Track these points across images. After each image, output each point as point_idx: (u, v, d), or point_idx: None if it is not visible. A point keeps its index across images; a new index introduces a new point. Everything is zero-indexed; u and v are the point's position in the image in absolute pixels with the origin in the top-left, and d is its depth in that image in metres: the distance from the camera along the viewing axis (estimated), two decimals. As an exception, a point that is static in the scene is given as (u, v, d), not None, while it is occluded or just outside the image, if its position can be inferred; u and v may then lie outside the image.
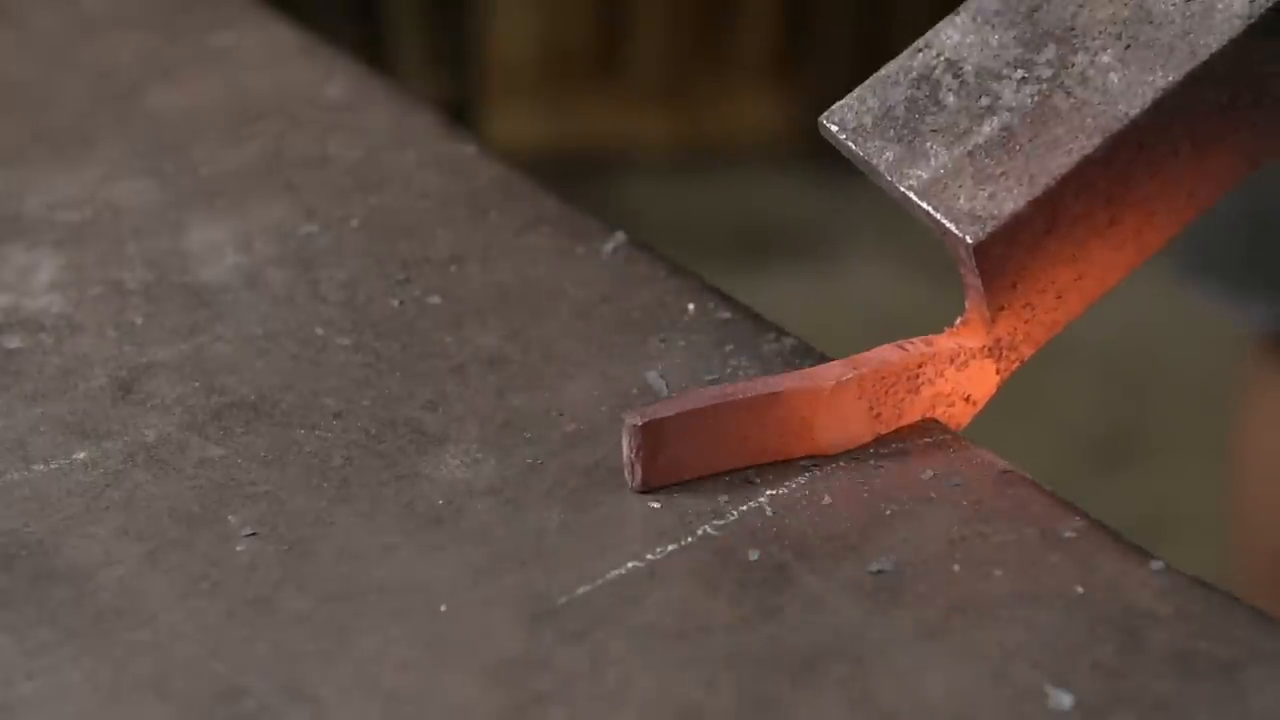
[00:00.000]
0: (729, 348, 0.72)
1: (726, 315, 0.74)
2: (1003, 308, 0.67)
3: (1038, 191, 0.66)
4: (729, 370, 0.71)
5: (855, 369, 0.66)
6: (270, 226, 0.80)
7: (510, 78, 2.51)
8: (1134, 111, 0.66)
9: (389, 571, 0.62)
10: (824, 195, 2.50)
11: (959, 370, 0.68)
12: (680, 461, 0.65)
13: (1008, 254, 0.66)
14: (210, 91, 0.91)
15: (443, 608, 0.61)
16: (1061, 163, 0.66)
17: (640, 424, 0.64)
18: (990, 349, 0.68)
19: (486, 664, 0.59)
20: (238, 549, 0.63)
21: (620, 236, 0.79)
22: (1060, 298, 0.68)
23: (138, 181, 0.84)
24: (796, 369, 0.71)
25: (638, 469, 0.65)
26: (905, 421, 0.68)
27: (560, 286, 0.77)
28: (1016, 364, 0.69)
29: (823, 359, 0.72)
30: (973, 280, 0.67)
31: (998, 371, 0.69)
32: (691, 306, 0.75)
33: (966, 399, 0.69)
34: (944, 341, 0.68)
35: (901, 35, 2.90)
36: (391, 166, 0.85)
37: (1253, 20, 0.67)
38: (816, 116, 0.70)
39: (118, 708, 0.58)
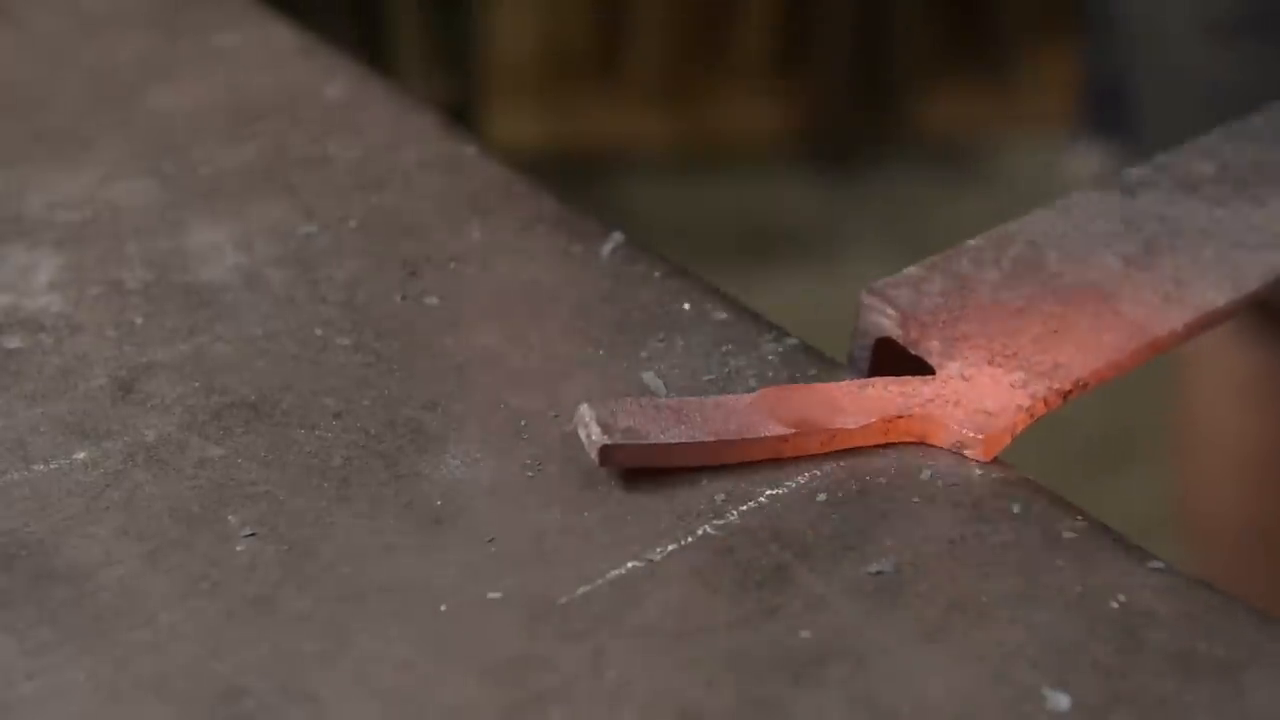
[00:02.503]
0: (728, 348, 0.72)
1: (725, 315, 0.74)
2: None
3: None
4: (727, 371, 0.71)
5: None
6: (270, 226, 0.80)
7: (510, 78, 2.51)
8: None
9: (389, 571, 0.62)
10: (824, 195, 2.50)
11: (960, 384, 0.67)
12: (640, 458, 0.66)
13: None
14: (210, 91, 0.91)
15: (443, 608, 0.61)
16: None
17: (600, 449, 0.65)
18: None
19: (486, 664, 0.59)
20: (238, 549, 0.63)
21: (618, 237, 0.79)
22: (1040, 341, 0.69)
23: (138, 181, 0.84)
24: (796, 369, 0.71)
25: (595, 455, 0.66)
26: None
27: (559, 286, 0.77)
28: (1057, 391, 0.68)
29: (821, 360, 0.72)
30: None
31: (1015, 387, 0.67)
32: (690, 307, 0.75)
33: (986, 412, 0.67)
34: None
35: (901, 35, 2.88)
36: (391, 166, 0.85)
37: None
38: (816, 116, 0.71)
39: (118, 708, 0.58)
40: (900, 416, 0.66)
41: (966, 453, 0.66)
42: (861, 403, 0.67)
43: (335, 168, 0.85)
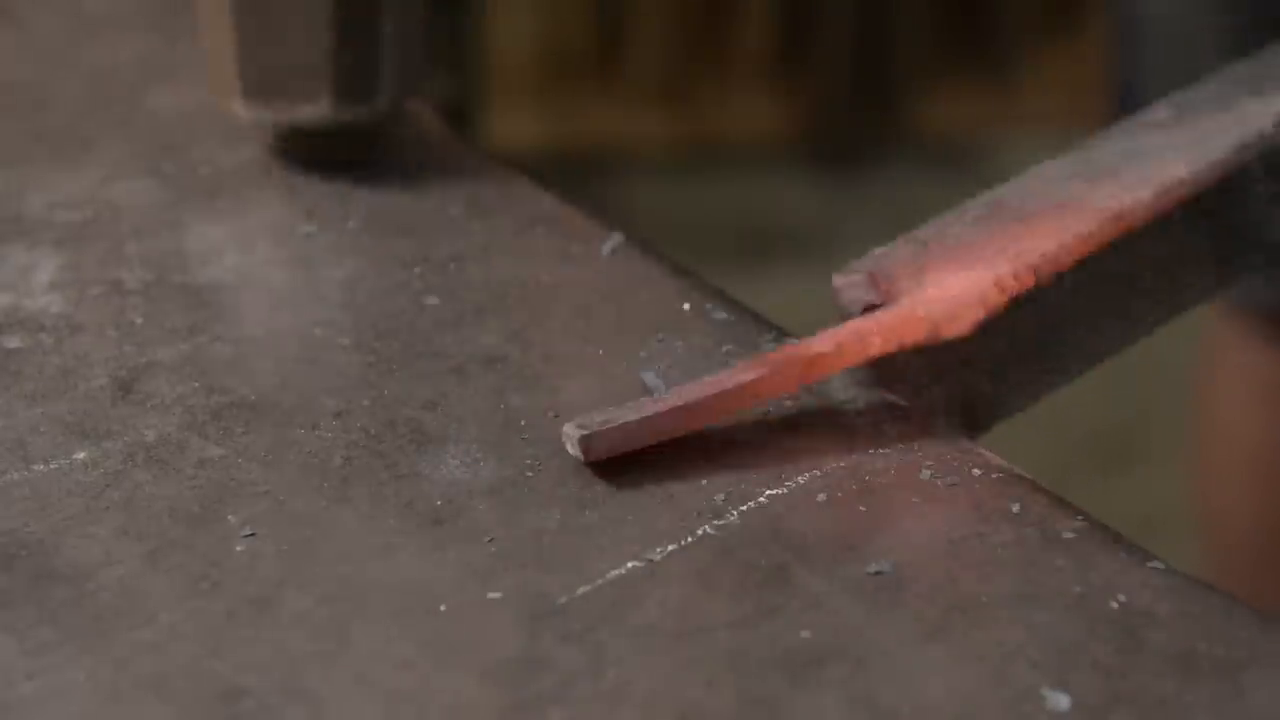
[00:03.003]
0: (727, 348, 0.72)
1: (725, 315, 0.74)
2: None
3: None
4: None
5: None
6: (270, 226, 0.80)
7: (510, 78, 2.51)
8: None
9: (389, 571, 0.62)
10: (824, 195, 2.50)
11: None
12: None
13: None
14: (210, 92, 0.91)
15: (443, 608, 0.61)
16: None
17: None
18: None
19: (486, 664, 0.59)
20: (238, 549, 0.63)
21: (618, 236, 0.79)
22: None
23: (138, 181, 0.84)
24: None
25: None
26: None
27: (559, 286, 0.77)
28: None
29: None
30: None
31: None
32: (689, 306, 0.75)
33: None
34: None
35: (901, 35, 2.88)
36: (392, 167, 0.85)
37: None
38: (816, 116, 0.71)
39: (118, 708, 0.58)
40: (874, 330, 0.68)
41: (945, 333, 0.68)
42: (834, 333, 0.68)
43: (335, 167, 0.84)
